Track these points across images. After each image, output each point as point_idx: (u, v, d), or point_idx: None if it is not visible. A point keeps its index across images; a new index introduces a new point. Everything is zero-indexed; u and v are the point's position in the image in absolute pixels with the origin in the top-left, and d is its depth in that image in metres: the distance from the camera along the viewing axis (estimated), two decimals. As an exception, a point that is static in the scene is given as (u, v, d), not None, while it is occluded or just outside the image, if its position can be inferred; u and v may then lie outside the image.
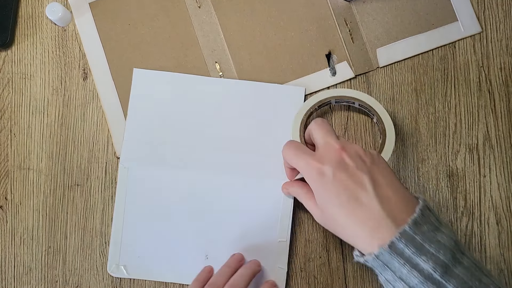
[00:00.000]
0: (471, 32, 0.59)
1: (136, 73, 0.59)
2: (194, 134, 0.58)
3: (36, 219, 0.58)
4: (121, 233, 0.57)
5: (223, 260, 0.55)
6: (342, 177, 0.45)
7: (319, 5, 0.61)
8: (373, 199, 0.44)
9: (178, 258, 0.57)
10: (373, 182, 0.45)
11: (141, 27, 0.61)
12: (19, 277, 0.58)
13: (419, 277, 0.41)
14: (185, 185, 0.57)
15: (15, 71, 0.61)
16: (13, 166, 0.59)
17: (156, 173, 0.57)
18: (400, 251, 0.42)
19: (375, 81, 0.59)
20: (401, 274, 0.42)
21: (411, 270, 0.41)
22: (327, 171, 0.46)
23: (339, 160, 0.46)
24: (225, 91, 0.59)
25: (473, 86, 0.59)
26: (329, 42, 0.60)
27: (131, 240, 0.57)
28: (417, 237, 0.42)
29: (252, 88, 0.59)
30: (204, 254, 0.56)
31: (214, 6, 0.61)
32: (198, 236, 0.57)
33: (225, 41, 0.61)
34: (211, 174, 0.57)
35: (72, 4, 0.61)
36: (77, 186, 0.59)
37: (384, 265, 0.43)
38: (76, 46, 0.61)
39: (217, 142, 0.58)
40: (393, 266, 0.42)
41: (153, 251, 0.57)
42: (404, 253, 0.41)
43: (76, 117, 0.60)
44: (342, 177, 0.45)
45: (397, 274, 0.42)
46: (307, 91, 0.59)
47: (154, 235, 0.57)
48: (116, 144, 0.59)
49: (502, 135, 0.58)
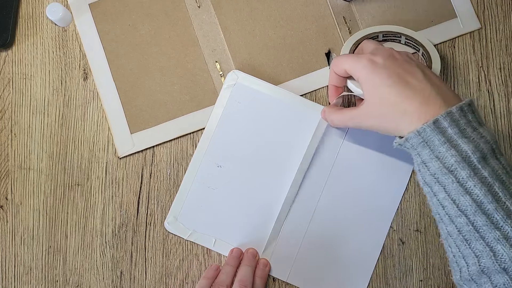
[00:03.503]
0: (471, 29, 0.59)
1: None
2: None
3: (37, 219, 0.59)
4: (187, 195, 0.58)
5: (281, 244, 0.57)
6: (392, 64, 0.47)
7: (318, 3, 0.61)
8: (423, 81, 0.45)
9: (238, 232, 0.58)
10: (423, 71, 0.47)
11: (141, 27, 0.61)
12: (19, 276, 0.58)
13: (457, 156, 0.41)
14: (261, 174, 0.58)
15: (16, 71, 0.61)
16: (13, 166, 0.59)
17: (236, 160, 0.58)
18: (443, 129, 0.42)
19: (374, 81, 0.59)
20: (439, 153, 0.42)
21: (450, 149, 0.42)
22: (378, 60, 0.48)
23: (390, 54, 0.49)
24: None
25: (473, 86, 0.59)
26: (329, 41, 0.60)
27: (194, 204, 0.58)
28: (461, 121, 0.43)
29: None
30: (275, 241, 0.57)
31: (214, 6, 0.61)
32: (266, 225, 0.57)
33: (225, 40, 0.61)
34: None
35: (72, 4, 0.61)
36: (78, 186, 0.59)
37: (423, 142, 0.43)
38: (76, 47, 0.61)
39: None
40: (432, 143, 0.43)
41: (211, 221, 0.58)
42: (447, 132, 0.42)
43: (77, 117, 0.60)
44: (392, 64, 0.47)
45: (434, 152, 0.43)
46: (306, 90, 0.59)
47: (216, 205, 0.58)
48: (117, 144, 0.59)
49: (502, 135, 0.58)
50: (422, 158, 0.44)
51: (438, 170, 0.42)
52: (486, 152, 0.41)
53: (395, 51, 0.50)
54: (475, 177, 0.41)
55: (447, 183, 0.42)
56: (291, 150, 0.58)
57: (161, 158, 0.59)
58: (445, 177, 0.42)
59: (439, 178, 0.43)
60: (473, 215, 0.41)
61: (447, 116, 0.42)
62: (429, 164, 0.43)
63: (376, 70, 0.47)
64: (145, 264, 0.58)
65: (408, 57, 0.49)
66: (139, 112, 0.60)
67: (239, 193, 0.58)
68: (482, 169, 0.41)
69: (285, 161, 0.58)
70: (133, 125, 0.60)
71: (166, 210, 0.58)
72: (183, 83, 0.60)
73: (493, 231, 0.40)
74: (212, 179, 0.58)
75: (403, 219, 0.57)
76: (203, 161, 0.58)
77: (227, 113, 0.58)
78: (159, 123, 0.60)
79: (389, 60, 0.48)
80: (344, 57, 0.50)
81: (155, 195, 0.59)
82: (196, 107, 0.60)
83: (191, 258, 0.58)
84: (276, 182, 0.57)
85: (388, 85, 0.46)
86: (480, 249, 0.41)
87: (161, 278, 0.58)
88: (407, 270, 0.57)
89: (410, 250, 0.57)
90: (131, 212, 0.59)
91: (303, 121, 0.58)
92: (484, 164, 0.41)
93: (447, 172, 0.42)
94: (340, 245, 0.57)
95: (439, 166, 0.42)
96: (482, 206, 0.40)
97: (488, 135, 0.43)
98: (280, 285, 0.57)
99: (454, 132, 0.42)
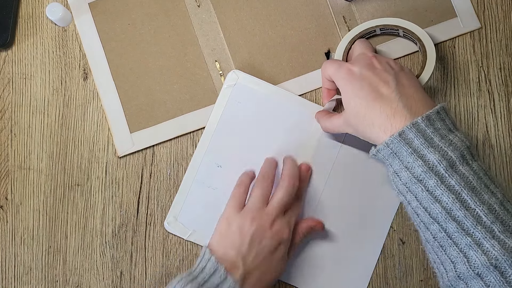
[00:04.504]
0: (471, 28, 0.59)
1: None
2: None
3: (37, 219, 0.59)
4: (187, 195, 0.58)
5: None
6: (368, 75, 0.48)
7: (318, 3, 0.61)
8: (393, 92, 0.46)
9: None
10: (397, 82, 0.48)
11: (141, 27, 0.61)
12: (19, 276, 0.58)
13: (423, 166, 0.42)
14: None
15: (16, 71, 0.61)
16: (13, 166, 0.59)
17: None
18: (409, 140, 0.44)
19: (374, 81, 0.59)
20: (407, 163, 0.44)
21: (417, 159, 0.43)
22: (355, 70, 0.49)
23: (368, 63, 0.50)
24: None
25: (473, 86, 0.58)
26: (328, 40, 0.60)
27: (194, 204, 0.58)
28: (428, 130, 0.44)
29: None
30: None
31: (214, 5, 0.61)
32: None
33: (225, 40, 0.61)
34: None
35: (71, 4, 0.61)
36: (78, 186, 0.59)
37: (393, 153, 0.45)
38: (76, 46, 0.61)
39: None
40: (401, 154, 0.44)
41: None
42: (413, 143, 0.43)
43: (77, 117, 0.60)
44: (368, 75, 0.48)
45: (403, 163, 0.44)
46: (306, 90, 0.59)
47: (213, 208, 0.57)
48: (117, 144, 0.59)
49: (502, 135, 0.58)
50: (393, 168, 0.45)
51: (409, 179, 0.44)
52: (454, 159, 0.42)
53: (377, 59, 0.50)
54: (442, 186, 0.42)
55: (417, 192, 0.43)
56: (291, 150, 0.58)
57: (161, 158, 0.59)
58: (415, 186, 0.43)
59: (410, 187, 0.44)
60: (444, 222, 0.42)
61: (412, 127, 0.43)
62: (400, 174, 0.45)
63: (351, 80, 0.49)
64: (145, 264, 0.58)
65: (389, 64, 0.50)
66: (139, 111, 0.60)
67: None
68: (449, 177, 0.42)
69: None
70: (133, 124, 0.60)
71: (166, 210, 0.58)
72: (182, 83, 0.60)
73: (464, 237, 0.41)
74: (212, 179, 0.58)
75: (403, 219, 0.57)
76: (203, 161, 0.58)
77: (227, 113, 0.58)
78: (159, 122, 0.60)
79: (366, 70, 0.49)
80: (329, 64, 0.52)
81: (155, 195, 0.59)
82: (196, 106, 0.60)
83: (191, 258, 0.58)
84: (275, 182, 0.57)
85: (360, 96, 0.47)
86: (454, 255, 0.42)
87: (161, 278, 0.58)
88: (407, 270, 0.57)
89: (410, 250, 0.57)
90: (131, 212, 0.59)
91: (303, 122, 0.58)
92: (452, 172, 0.42)
93: (416, 181, 0.43)
94: (340, 245, 0.57)
95: (408, 176, 0.44)
96: (452, 213, 0.42)
97: (458, 141, 0.43)
98: (279, 285, 0.57)
99: (420, 143, 0.43)
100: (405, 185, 0.44)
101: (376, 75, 0.48)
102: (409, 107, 0.45)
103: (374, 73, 0.48)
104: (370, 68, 0.49)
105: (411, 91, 0.47)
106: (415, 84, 0.48)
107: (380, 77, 0.48)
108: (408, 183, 0.44)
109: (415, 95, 0.47)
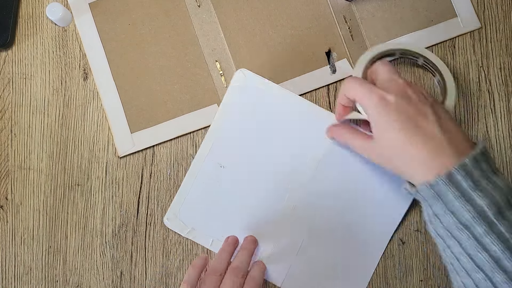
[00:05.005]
0: (471, 28, 0.59)
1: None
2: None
3: (37, 219, 0.59)
4: (188, 193, 0.58)
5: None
6: (404, 105, 0.44)
7: (319, 3, 0.61)
8: (435, 126, 0.43)
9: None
10: (436, 114, 0.44)
11: (141, 27, 0.61)
12: (19, 276, 0.58)
13: (472, 211, 0.39)
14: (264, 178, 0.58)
15: (16, 71, 0.61)
16: (13, 166, 0.59)
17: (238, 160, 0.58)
18: (457, 183, 0.40)
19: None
20: (453, 207, 0.40)
21: (465, 204, 0.40)
22: (390, 98, 0.45)
23: (403, 92, 0.46)
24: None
25: (473, 86, 0.59)
26: (329, 40, 0.60)
27: (194, 202, 0.58)
28: (475, 172, 0.40)
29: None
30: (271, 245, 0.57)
31: (214, 5, 0.61)
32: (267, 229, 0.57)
33: (225, 40, 0.61)
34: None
35: (72, 4, 0.61)
36: (78, 186, 0.59)
37: (436, 196, 0.41)
38: (76, 46, 0.61)
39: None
40: (446, 197, 0.41)
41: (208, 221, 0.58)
42: (461, 186, 0.40)
43: (77, 117, 0.60)
44: (404, 105, 0.44)
45: (448, 206, 0.41)
46: (307, 89, 0.59)
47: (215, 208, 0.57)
48: (117, 144, 0.59)
49: (502, 135, 0.58)
50: (434, 210, 0.42)
51: (453, 224, 0.41)
52: (502, 205, 0.40)
53: (409, 86, 0.46)
54: (491, 233, 0.39)
55: (462, 238, 0.40)
56: (295, 153, 0.57)
57: (161, 158, 0.59)
58: (460, 232, 0.40)
59: (454, 233, 0.41)
60: (491, 271, 0.39)
61: (461, 168, 0.40)
62: (442, 217, 0.42)
63: (386, 111, 0.45)
64: (145, 264, 0.58)
65: (423, 94, 0.46)
66: (139, 111, 0.60)
67: (240, 195, 0.57)
68: (498, 224, 0.39)
69: (288, 163, 0.57)
70: (133, 124, 0.60)
71: (166, 210, 0.58)
72: (183, 83, 0.60)
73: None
74: (214, 179, 0.58)
75: (403, 219, 0.57)
76: (205, 160, 0.58)
77: (233, 112, 0.58)
78: (159, 122, 0.60)
79: (401, 99, 0.45)
80: (356, 86, 0.47)
81: (155, 195, 0.59)
82: (196, 106, 0.60)
83: (191, 258, 0.58)
84: (278, 185, 0.57)
85: (397, 129, 0.44)
86: None
87: (161, 278, 0.58)
88: (407, 270, 0.57)
89: (410, 250, 0.57)
90: (131, 212, 0.59)
91: (309, 125, 0.57)
92: (501, 218, 0.39)
93: (462, 227, 0.40)
94: (342, 246, 0.56)
95: (453, 221, 0.41)
96: (500, 263, 0.39)
97: (503, 184, 0.41)
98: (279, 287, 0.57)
99: (468, 186, 0.40)
100: (447, 230, 0.41)
101: (413, 106, 0.44)
102: (453, 144, 0.42)
103: (410, 104, 0.45)
104: (405, 97, 0.45)
105: (449, 125, 0.44)
106: (450, 117, 0.45)
107: (418, 109, 0.44)
108: (452, 228, 0.41)
109: (453, 130, 0.44)
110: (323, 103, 0.59)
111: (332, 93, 0.59)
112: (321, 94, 0.59)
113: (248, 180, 0.58)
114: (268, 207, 0.57)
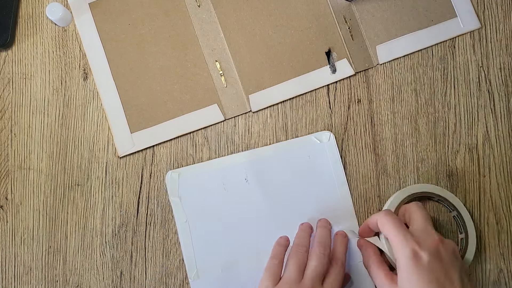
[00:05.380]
0: (471, 28, 0.59)
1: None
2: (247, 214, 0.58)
3: (37, 219, 0.59)
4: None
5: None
6: (436, 268, 0.46)
7: (319, 3, 0.61)
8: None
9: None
10: (461, 282, 0.47)
11: (141, 27, 0.61)
12: (19, 276, 0.58)
13: None
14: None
15: (16, 71, 0.61)
16: (13, 166, 0.59)
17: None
18: None
19: (374, 81, 0.59)
20: None
21: None
22: (423, 256, 0.47)
23: (436, 250, 0.48)
24: (256, 161, 0.59)
25: (473, 86, 0.59)
26: (329, 40, 0.60)
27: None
28: None
29: (280, 149, 0.59)
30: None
31: (214, 5, 0.61)
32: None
33: (225, 40, 0.61)
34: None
35: (72, 4, 0.61)
36: (78, 186, 0.59)
37: None
38: (76, 46, 0.61)
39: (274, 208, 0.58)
40: None
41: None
42: None
43: (77, 117, 0.60)
44: (436, 268, 0.46)
45: None
46: (307, 89, 0.59)
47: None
48: (117, 144, 0.59)
49: (502, 135, 0.58)
50: None
51: None
52: None
53: (444, 246, 0.48)
54: None
55: None
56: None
57: (161, 158, 0.59)
58: None
59: None
60: None
61: None
62: None
63: (417, 268, 0.46)
64: (145, 264, 0.58)
65: (454, 255, 0.48)
66: (139, 111, 0.60)
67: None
68: None
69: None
70: (133, 124, 0.60)
71: (166, 210, 0.58)
72: (183, 83, 0.60)
73: None
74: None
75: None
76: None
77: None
78: (159, 122, 0.60)
79: (434, 259, 0.47)
80: (391, 226, 0.49)
81: (155, 195, 0.59)
82: (196, 106, 0.60)
83: (191, 258, 0.58)
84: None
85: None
86: None
87: (161, 278, 0.58)
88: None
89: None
90: (131, 212, 0.59)
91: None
92: None
93: None
94: None
95: None
96: None
97: None
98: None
99: None
100: None
101: (443, 270, 0.47)
102: None
103: (441, 267, 0.47)
104: (437, 257, 0.47)
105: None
106: (472, 284, 0.48)
107: (447, 274, 0.47)
108: None
109: None
110: (323, 103, 0.59)
111: (332, 93, 0.59)
112: (321, 94, 0.59)
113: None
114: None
